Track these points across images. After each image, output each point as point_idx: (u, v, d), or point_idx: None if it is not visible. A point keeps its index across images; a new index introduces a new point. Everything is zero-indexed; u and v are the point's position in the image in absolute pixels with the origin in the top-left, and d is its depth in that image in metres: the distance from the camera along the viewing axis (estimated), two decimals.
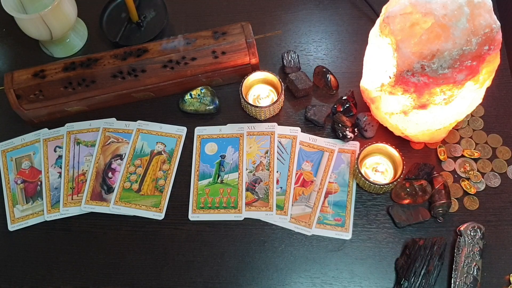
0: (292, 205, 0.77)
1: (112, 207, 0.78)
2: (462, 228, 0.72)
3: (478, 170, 0.78)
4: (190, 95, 0.85)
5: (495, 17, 0.60)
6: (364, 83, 0.78)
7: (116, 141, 0.84)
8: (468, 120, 0.81)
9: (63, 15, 0.85)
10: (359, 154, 0.76)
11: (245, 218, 0.77)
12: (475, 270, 0.69)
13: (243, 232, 0.76)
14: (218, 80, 0.86)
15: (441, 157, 0.79)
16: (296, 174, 0.79)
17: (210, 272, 0.74)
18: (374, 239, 0.74)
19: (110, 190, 0.80)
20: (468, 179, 0.77)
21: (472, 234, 0.71)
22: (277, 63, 0.89)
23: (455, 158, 0.79)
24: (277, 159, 0.80)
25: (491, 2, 0.60)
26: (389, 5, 0.66)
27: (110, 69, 0.82)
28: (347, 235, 0.75)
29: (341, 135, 0.80)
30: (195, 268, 0.74)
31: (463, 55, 0.60)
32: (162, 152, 0.83)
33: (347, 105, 0.82)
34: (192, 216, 0.78)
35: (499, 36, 0.61)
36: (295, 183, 0.79)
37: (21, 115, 0.84)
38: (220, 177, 0.80)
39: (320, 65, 0.86)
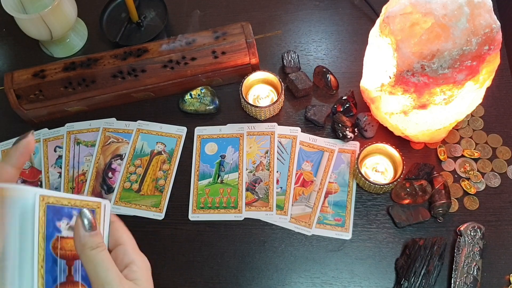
0: (292, 205, 0.77)
1: (112, 207, 0.78)
2: (462, 228, 0.72)
3: (478, 170, 0.78)
4: (190, 95, 0.85)
5: (495, 17, 0.60)
6: (364, 83, 0.78)
7: (116, 141, 0.84)
8: (468, 120, 0.81)
9: (63, 15, 0.85)
10: (359, 154, 0.76)
11: (245, 218, 0.77)
12: (475, 270, 0.69)
13: (243, 232, 0.76)
14: (218, 80, 0.86)
15: (441, 157, 0.79)
16: (296, 174, 0.79)
17: (210, 272, 0.74)
18: (374, 239, 0.74)
19: (110, 190, 0.80)
20: (468, 179, 0.77)
21: (472, 234, 0.71)
22: (277, 63, 0.89)
23: (455, 158, 0.79)
24: (277, 159, 0.80)
25: (491, 2, 0.60)
26: (389, 5, 0.66)
27: (110, 69, 0.82)
28: (347, 235, 0.75)
29: (341, 135, 0.80)
30: (195, 268, 0.74)
31: (463, 55, 0.60)
32: (162, 152, 0.83)
33: (347, 105, 0.82)
34: (192, 216, 0.78)
35: (499, 36, 0.61)
36: (295, 183, 0.79)
37: (21, 115, 0.84)
38: (220, 177, 0.80)
39: (320, 65, 0.86)
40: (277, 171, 0.79)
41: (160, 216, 0.78)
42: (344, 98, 0.82)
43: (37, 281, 0.41)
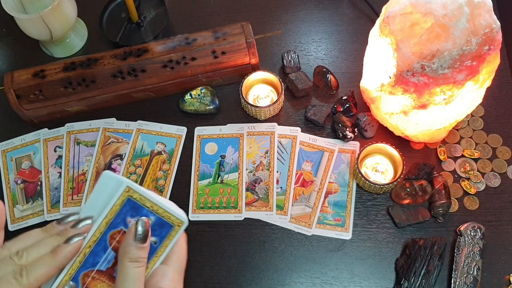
0: (292, 205, 0.77)
1: None
2: (462, 228, 0.72)
3: (478, 170, 0.78)
4: (190, 95, 0.85)
5: (495, 17, 0.60)
6: (364, 83, 0.78)
7: (116, 141, 0.84)
8: (468, 120, 0.81)
9: (63, 15, 0.85)
10: (359, 154, 0.76)
11: (245, 218, 0.77)
12: (475, 270, 0.69)
13: (243, 232, 0.76)
14: (218, 80, 0.86)
15: (441, 157, 0.79)
16: (296, 174, 0.79)
17: (210, 272, 0.74)
18: (374, 239, 0.74)
19: None
20: (468, 179, 0.77)
21: (472, 234, 0.71)
22: (277, 63, 0.89)
23: (455, 158, 0.79)
24: (277, 159, 0.80)
25: (491, 2, 0.60)
26: (389, 5, 0.66)
27: (110, 69, 0.82)
28: (347, 235, 0.75)
29: (341, 135, 0.80)
30: (195, 268, 0.74)
31: (463, 55, 0.60)
32: (162, 152, 0.83)
33: (347, 105, 0.82)
34: (192, 216, 0.78)
35: (499, 36, 0.61)
36: (295, 183, 0.79)
37: (21, 115, 0.84)
38: (220, 177, 0.80)
39: (320, 65, 0.87)
40: (277, 171, 0.79)
41: None
42: (344, 98, 0.82)
43: (76, 255, 0.42)
